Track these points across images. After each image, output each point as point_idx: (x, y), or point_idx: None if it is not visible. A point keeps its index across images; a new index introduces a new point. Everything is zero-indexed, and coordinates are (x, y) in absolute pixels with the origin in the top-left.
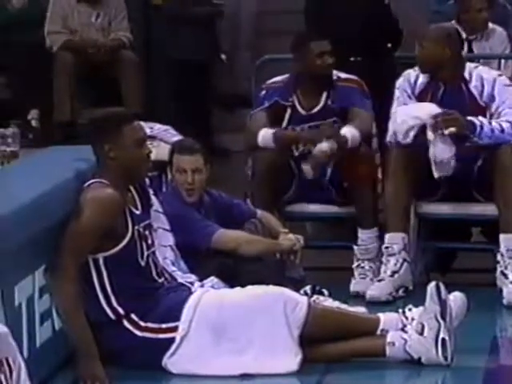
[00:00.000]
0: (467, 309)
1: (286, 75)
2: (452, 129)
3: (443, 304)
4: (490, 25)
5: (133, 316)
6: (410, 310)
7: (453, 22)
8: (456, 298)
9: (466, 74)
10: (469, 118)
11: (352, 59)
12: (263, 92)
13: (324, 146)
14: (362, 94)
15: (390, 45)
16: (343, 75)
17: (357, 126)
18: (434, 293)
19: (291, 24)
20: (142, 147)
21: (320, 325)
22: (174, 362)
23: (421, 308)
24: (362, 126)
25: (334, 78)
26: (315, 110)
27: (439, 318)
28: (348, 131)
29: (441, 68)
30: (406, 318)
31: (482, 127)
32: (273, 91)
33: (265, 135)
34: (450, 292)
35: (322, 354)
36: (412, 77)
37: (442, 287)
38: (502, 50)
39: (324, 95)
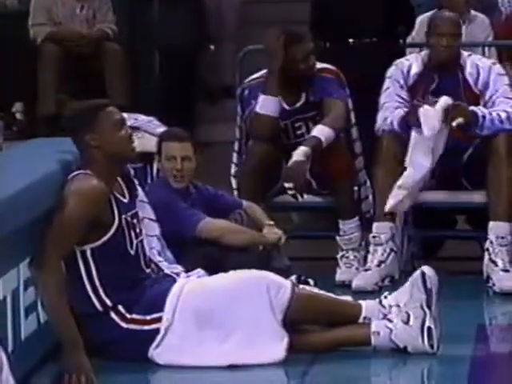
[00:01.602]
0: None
1: (265, 70)
2: (460, 119)
3: (429, 293)
4: (472, 11)
5: (120, 308)
6: (385, 297)
7: (435, 10)
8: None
9: (462, 62)
10: (471, 108)
11: (358, 40)
12: (246, 92)
13: (299, 153)
14: (336, 83)
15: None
16: (320, 65)
17: (329, 123)
18: (419, 281)
19: (277, 14)
20: (121, 129)
21: (304, 308)
22: (159, 353)
23: (394, 293)
24: (334, 121)
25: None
26: (298, 104)
27: (425, 307)
28: (320, 132)
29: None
30: (383, 306)
31: (484, 118)
32: (256, 88)
33: (264, 101)
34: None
35: (307, 343)
36: (405, 67)
37: (428, 275)
38: (484, 37)
39: (305, 90)
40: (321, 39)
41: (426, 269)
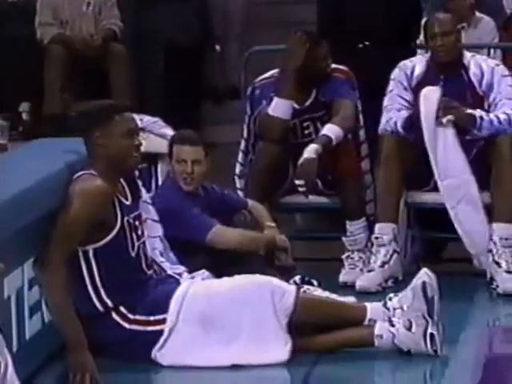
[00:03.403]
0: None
1: (275, 70)
2: (450, 117)
3: (430, 303)
4: (478, 14)
5: (121, 308)
6: (390, 299)
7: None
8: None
9: (465, 62)
10: (468, 110)
11: (364, 45)
12: (257, 91)
13: (310, 151)
14: (348, 84)
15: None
16: (332, 66)
17: (339, 122)
18: (419, 292)
19: (282, 15)
20: (131, 138)
21: (308, 313)
22: (163, 354)
23: (400, 295)
24: (344, 121)
25: None
26: (307, 103)
27: (427, 317)
28: (331, 130)
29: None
30: (388, 309)
31: (482, 119)
32: (267, 88)
33: (277, 104)
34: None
35: (311, 345)
36: (408, 68)
37: (429, 284)
38: (490, 39)
39: (315, 89)
40: (330, 41)
41: (425, 276)
